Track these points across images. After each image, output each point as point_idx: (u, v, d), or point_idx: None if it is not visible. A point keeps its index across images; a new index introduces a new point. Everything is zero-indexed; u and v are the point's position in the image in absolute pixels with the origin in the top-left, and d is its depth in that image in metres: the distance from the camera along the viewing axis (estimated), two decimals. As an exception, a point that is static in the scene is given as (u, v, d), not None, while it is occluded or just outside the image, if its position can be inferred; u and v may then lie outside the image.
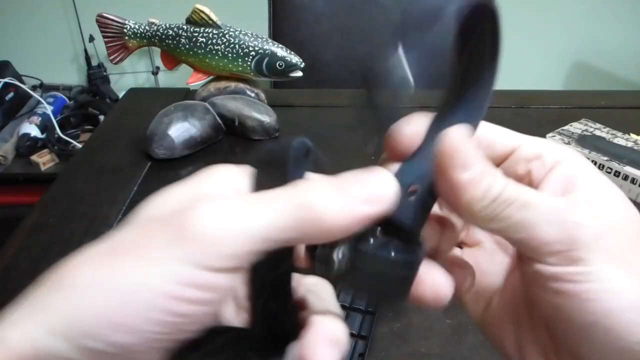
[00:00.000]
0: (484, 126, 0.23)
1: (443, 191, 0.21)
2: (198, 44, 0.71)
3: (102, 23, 0.73)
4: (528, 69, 1.85)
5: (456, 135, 0.20)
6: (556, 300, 0.20)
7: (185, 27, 0.72)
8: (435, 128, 0.23)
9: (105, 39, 0.75)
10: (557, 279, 0.20)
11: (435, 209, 0.23)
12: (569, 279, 0.19)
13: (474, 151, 0.20)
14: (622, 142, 0.62)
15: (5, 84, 1.57)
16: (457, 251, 0.26)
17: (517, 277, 0.24)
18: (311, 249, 0.20)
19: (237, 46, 0.70)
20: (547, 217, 0.19)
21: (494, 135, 0.24)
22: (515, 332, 0.23)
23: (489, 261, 0.25)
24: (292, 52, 0.71)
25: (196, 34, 0.71)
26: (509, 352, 0.23)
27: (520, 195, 0.20)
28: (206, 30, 0.71)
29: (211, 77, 0.75)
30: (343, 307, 0.44)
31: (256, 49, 0.70)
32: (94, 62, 1.75)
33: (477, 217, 0.20)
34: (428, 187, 0.21)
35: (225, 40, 0.70)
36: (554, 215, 0.19)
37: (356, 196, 0.19)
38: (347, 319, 0.43)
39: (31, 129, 1.48)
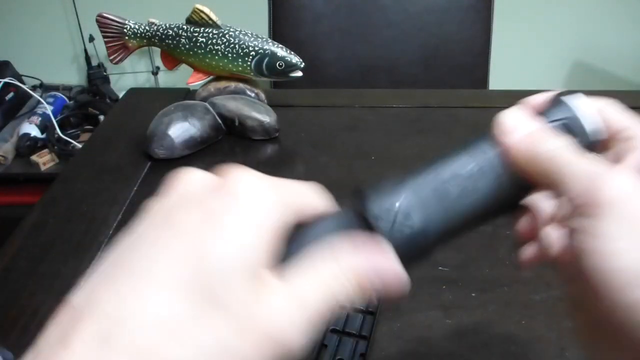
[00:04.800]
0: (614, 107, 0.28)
1: (505, 147, 0.26)
2: (198, 44, 0.71)
3: (102, 23, 0.73)
4: (528, 69, 1.85)
5: (512, 110, 0.27)
6: (576, 251, 0.23)
7: (185, 27, 0.71)
8: None
9: (105, 39, 0.75)
10: (577, 230, 0.23)
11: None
12: (583, 231, 0.22)
13: (527, 119, 0.26)
14: (622, 142, 0.62)
15: (5, 84, 1.57)
16: None
17: None
18: None
19: (237, 46, 0.70)
20: (579, 174, 0.23)
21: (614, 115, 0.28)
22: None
23: None
24: (292, 52, 0.71)
25: (196, 34, 0.71)
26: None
27: (571, 153, 0.24)
28: (206, 30, 0.71)
29: (211, 77, 0.75)
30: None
31: (256, 49, 0.70)
32: (94, 62, 1.75)
33: (530, 163, 0.25)
34: None
35: (225, 40, 0.70)
36: (583, 175, 0.23)
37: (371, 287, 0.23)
38: (347, 320, 0.43)
39: (31, 129, 1.48)
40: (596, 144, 0.27)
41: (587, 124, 0.27)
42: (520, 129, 0.26)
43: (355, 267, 0.22)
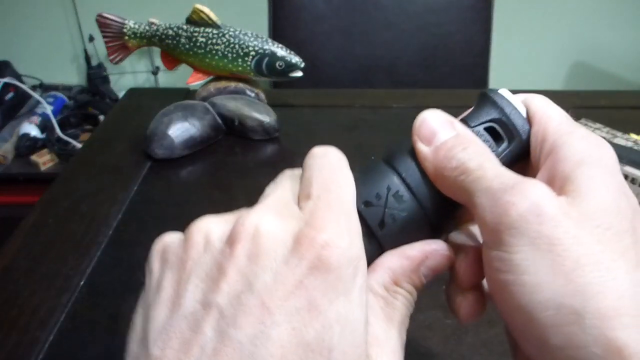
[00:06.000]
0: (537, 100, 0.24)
1: (419, 158, 0.23)
2: (198, 44, 0.71)
3: (102, 23, 0.73)
4: (528, 69, 1.85)
5: (426, 114, 0.23)
6: (489, 287, 0.20)
7: (185, 27, 0.71)
8: None
9: (105, 39, 0.75)
10: (488, 263, 0.20)
11: None
12: (494, 266, 0.19)
13: (439, 127, 0.23)
14: (622, 142, 0.62)
15: (5, 84, 1.57)
16: None
17: None
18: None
19: (237, 46, 0.70)
20: (489, 194, 0.20)
21: (530, 106, 0.24)
22: None
23: None
24: (292, 52, 0.71)
25: (196, 34, 0.71)
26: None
27: (478, 170, 0.21)
28: (206, 30, 0.71)
29: (211, 77, 0.75)
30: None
31: (256, 49, 0.70)
32: (94, 62, 1.75)
33: (439, 183, 0.22)
34: None
35: (225, 40, 0.70)
36: (495, 193, 0.20)
37: (426, 280, 0.23)
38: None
39: (31, 128, 1.48)
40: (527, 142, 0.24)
41: (516, 120, 0.24)
42: (437, 137, 0.22)
43: (415, 283, 0.23)
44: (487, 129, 0.24)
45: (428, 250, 0.22)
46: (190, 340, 0.18)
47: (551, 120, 0.23)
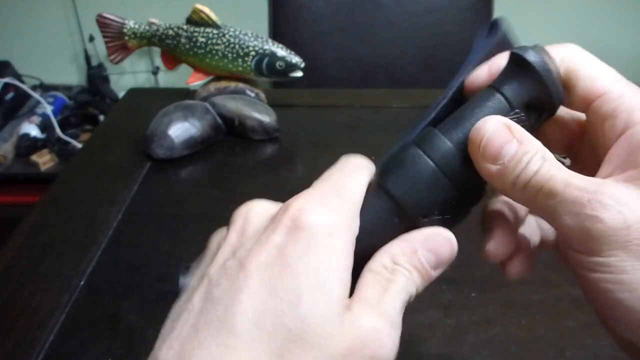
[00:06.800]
0: (577, 55, 0.24)
1: (484, 176, 0.22)
2: (198, 44, 0.71)
3: (102, 23, 0.73)
4: (528, 69, 1.85)
5: (486, 127, 0.22)
6: (581, 282, 0.21)
7: (185, 27, 0.72)
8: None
9: (105, 39, 0.75)
10: (580, 265, 0.21)
11: None
12: (589, 268, 0.20)
13: (502, 140, 0.21)
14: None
15: (5, 84, 1.56)
16: None
17: None
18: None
19: (237, 46, 0.70)
20: (568, 208, 0.20)
21: (581, 73, 0.23)
22: None
23: None
24: (292, 52, 0.71)
25: (196, 34, 0.71)
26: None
27: (548, 182, 0.20)
28: (206, 30, 0.71)
29: (211, 77, 0.75)
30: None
31: (256, 49, 0.70)
32: (94, 62, 1.75)
33: (512, 198, 0.22)
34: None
35: (225, 40, 0.70)
36: (573, 206, 0.20)
37: (429, 266, 0.23)
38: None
39: (31, 128, 1.48)
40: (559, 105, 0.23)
41: (556, 92, 0.22)
42: (502, 153, 0.21)
43: (414, 263, 0.22)
44: (526, 104, 0.23)
45: (425, 233, 0.23)
46: (181, 309, 0.21)
47: (611, 90, 0.23)
